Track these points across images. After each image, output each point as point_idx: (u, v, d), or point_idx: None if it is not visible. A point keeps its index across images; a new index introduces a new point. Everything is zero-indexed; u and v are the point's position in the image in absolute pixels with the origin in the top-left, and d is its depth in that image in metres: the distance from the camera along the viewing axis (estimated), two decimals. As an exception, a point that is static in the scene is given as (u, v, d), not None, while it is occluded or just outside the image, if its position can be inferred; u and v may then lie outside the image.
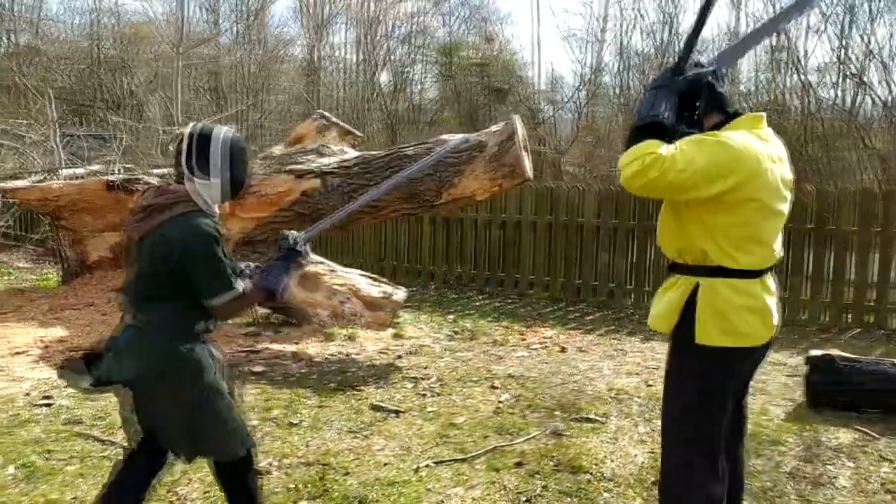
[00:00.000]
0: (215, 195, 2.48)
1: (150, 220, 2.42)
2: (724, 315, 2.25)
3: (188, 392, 2.43)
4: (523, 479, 3.49)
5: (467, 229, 8.40)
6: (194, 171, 2.43)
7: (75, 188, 7.36)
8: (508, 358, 5.66)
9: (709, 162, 2.16)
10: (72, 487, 3.39)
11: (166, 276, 2.39)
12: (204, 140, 2.45)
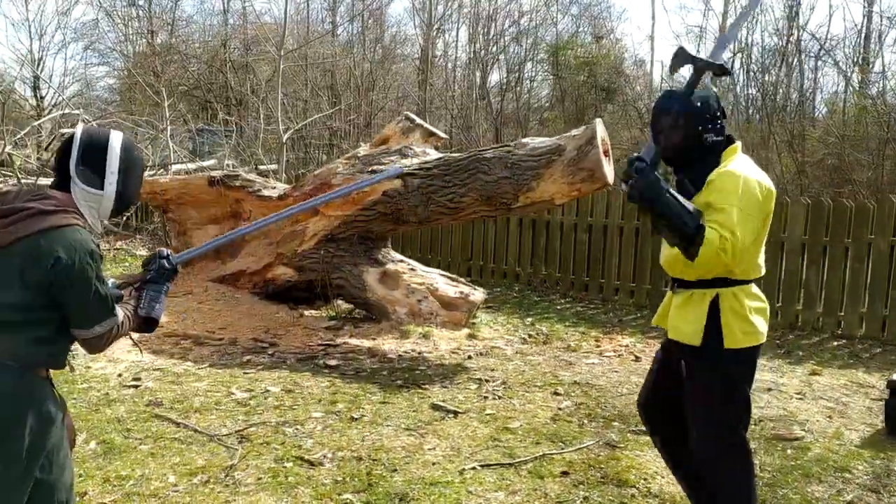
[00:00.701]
0: (104, 210, 2.18)
1: (21, 227, 2.00)
2: (745, 319, 2.50)
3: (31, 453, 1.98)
4: (566, 489, 3.48)
5: (553, 232, 8.35)
6: (83, 179, 2.11)
7: (180, 183, 7.85)
8: (578, 364, 5.61)
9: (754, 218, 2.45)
10: (142, 465, 3.67)
11: (34, 297, 2.00)
12: (99, 145, 2.15)
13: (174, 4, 24.26)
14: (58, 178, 2.15)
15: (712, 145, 2.56)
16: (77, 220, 2.07)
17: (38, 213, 2.02)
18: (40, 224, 2.00)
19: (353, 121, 18.83)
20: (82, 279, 2.03)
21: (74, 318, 2.06)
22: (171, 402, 4.58)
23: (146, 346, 5.76)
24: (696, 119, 2.54)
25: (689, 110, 2.54)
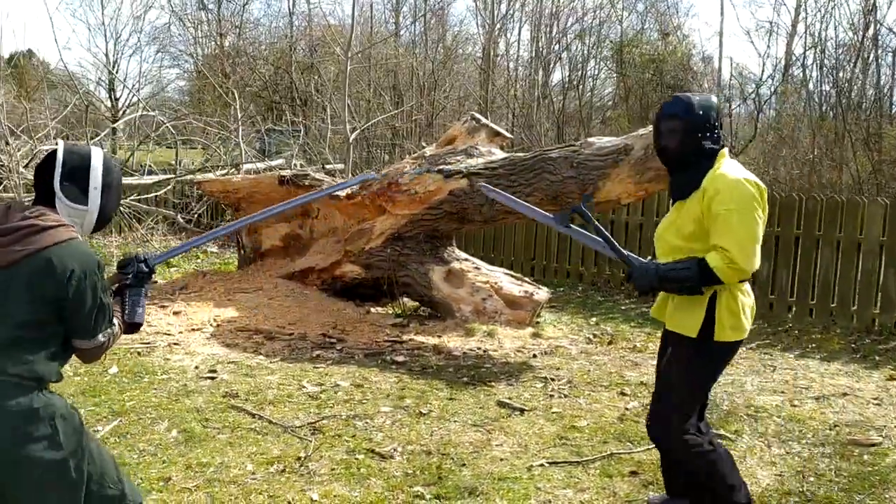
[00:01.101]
0: (88, 224, 2.20)
1: (26, 244, 2.02)
2: (736, 314, 2.71)
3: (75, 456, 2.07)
4: (635, 488, 3.49)
5: (619, 232, 8.29)
6: (68, 196, 2.14)
7: (251, 182, 8.08)
8: (644, 365, 5.57)
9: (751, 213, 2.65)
10: (220, 454, 3.82)
11: (46, 313, 2.04)
12: (83, 162, 2.17)
13: (242, 7, 24.91)
14: (38, 194, 2.17)
15: (709, 152, 2.72)
16: (77, 234, 2.12)
17: (41, 229, 2.04)
18: (45, 240, 2.03)
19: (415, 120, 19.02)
20: (93, 290, 2.08)
21: (80, 329, 2.10)
22: (245, 393, 4.74)
23: (220, 341, 5.98)
24: (697, 127, 2.70)
25: (692, 118, 2.70)
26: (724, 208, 2.60)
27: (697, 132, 2.69)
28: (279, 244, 8.03)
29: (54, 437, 2.00)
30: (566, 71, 23.19)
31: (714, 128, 2.71)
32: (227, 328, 6.28)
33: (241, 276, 7.93)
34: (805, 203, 7.28)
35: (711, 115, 2.71)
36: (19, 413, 1.96)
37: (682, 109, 2.71)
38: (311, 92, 19.75)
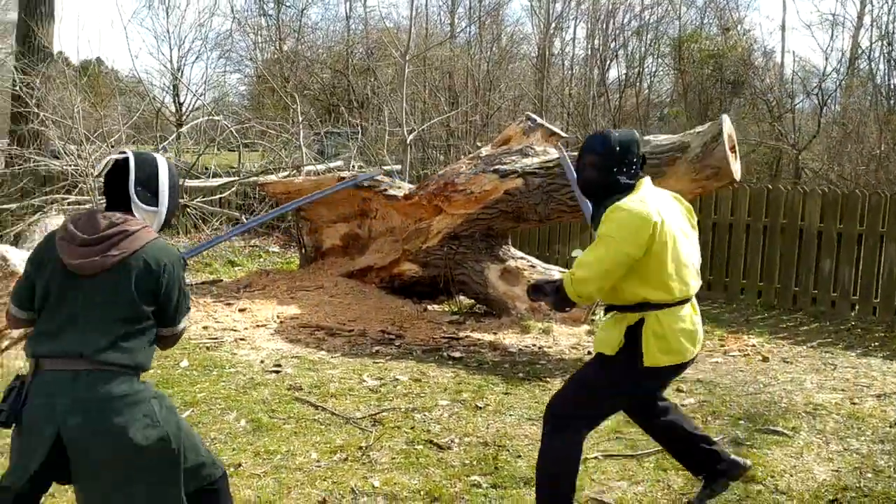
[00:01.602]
0: (158, 223, 2.40)
1: (118, 249, 2.21)
2: (665, 338, 2.73)
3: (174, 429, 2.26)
4: (690, 482, 3.52)
5: (676, 230, 8.24)
6: (141, 199, 2.34)
7: (312, 183, 8.31)
8: (702, 363, 5.56)
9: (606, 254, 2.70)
10: (286, 442, 4.00)
11: (147, 306, 2.24)
12: (152, 168, 2.38)
13: (301, 13, 25.41)
14: (112, 199, 2.35)
15: (623, 186, 2.79)
16: (156, 234, 2.32)
17: (131, 233, 2.23)
18: (137, 242, 2.22)
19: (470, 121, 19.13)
20: (179, 281, 2.30)
21: (168, 317, 2.31)
22: (309, 386, 4.93)
23: (284, 336, 6.20)
24: (613, 162, 2.78)
25: (608, 153, 2.79)
26: (601, 231, 2.72)
27: (613, 167, 2.77)
28: (339, 243, 8.24)
29: (154, 417, 2.19)
30: (623, 68, 22.98)
31: (632, 163, 2.79)
32: (290, 324, 6.51)
33: (303, 274, 8.18)
34: (869, 199, 7.13)
35: (631, 151, 2.79)
36: (124, 398, 2.16)
37: (599, 144, 2.81)
38: (368, 94, 20.06)
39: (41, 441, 2.12)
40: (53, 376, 2.15)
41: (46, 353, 2.18)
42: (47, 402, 2.13)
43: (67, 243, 2.22)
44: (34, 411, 2.14)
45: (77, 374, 2.14)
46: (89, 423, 2.11)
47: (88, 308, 2.19)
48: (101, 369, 2.15)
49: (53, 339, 2.19)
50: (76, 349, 2.15)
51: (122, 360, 2.17)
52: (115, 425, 2.13)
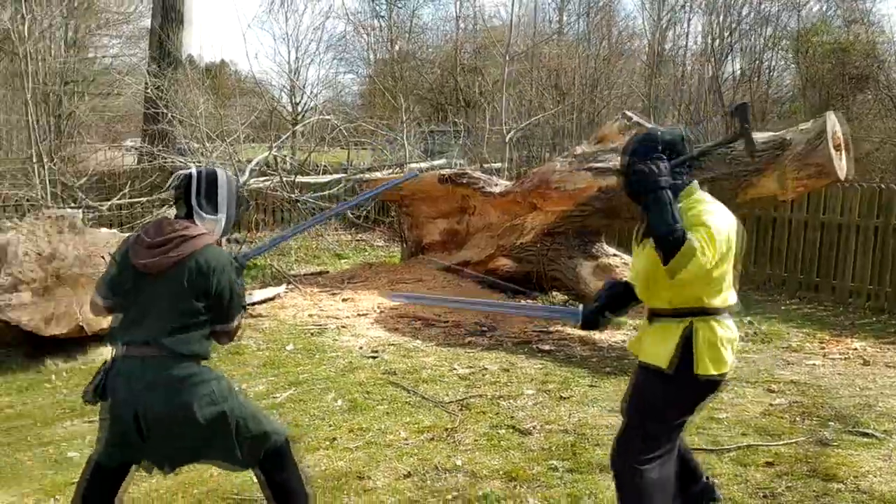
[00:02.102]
0: (219, 230, 2.70)
1: (176, 251, 2.52)
2: (716, 348, 2.59)
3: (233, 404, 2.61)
4: (769, 478, 3.54)
5: (781, 230, 8.02)
6: (203, 208, 2.64)
7: (415, 181, 8.62)
8: (798, 364, 5.46)
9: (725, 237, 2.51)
10: (379, 421, 4.28)
11: (200, 303, 2.54)
12: (211, 181, 2.67)
13: (412, 13, 26.01)
14: (179, 209, 2.68)
15: (674, 189, 2.52)
16: (212, 240, 2.63)
17: (189, 238, 2.55)
18: (193, 246, 2.53)
19: (577, 119, 19.05)
20: (230, 282, 2.60)
21: (222, 314, 2.61)
22: (403, 372, 5.20)
23: (383, 325, 6.51)
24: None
25: (649, 157, 2.54)
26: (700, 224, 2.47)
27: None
28: (439, 239, 8.52)
29: (213, 396, 2.55)
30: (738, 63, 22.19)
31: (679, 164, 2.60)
32: (389, 314, 6.83)
33: (404, 267, 8.51)
34: None
35: (677, 151, 2.62)
36: (187, 379, 2.51)
37: (643, 145, 2.65)
38: (475, 93, 20.32)
39: (121, 419, 2.51)
40: (129, 362, 2.52)
41: (123, 342, 2.56)
42: (125, 385, 2.50)
43: (138, 246, 2.57)
44: (115, 392, 2.52)
45: (145, 359, 2.50)
46: (160, 402, 2.48)
47: (153, 302, 2.52)
48: (165, 356, 2.50)
49: (128, 330, 2.55)
50: (144, 338, 2.51)
51: (180, 347, 2.51)
52: (180, 404, 2.49)
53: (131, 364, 2.51)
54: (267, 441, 2.69)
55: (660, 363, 2.62)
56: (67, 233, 5.36)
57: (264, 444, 2.69)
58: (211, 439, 2.58)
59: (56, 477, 3.59)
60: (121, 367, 2.53)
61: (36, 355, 5.28)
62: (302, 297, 7.49)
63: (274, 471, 2.73)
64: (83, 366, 5.25)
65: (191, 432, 2.53)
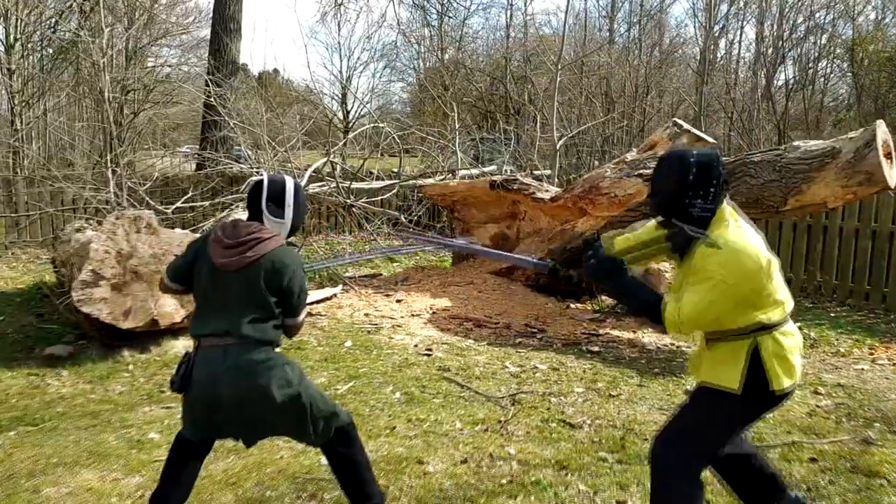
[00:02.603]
0: (285, 232, 2.91)
1: (252, 252, 2.77)
2: (786, 359, 2.53)
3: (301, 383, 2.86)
4: (811, 472, 3.67)
5: (832, 237, 8.03)
6: (271, 213, 2.87)
7: (466, 186, 8.86)
8: (846, 369, 5.53)
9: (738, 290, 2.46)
10: (434, 412, 4.51)
11: (273, 298, 2.80)
12: (280, 188, 2.89)
13: (462, 22, 26.37)
14: (252, 211, 2.91)
15: (698, 217, 2.52)
16: (283, 241, 2.87)
17: (263, 239, 2.80)
18: (268, 247, 2.79)
19: (625, 127, 19.10)
20: (300, 281, 2.85)
21: (290, 309, 2.86)
22: (456, 368, 5.43)
23: (435, 325, 6.75)
24: (687, 186, 2.50)
25: (682, 177, 2.51)
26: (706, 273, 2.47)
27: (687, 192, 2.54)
28: (489, 243, 8.73)
29: (286, 377, 2.80)
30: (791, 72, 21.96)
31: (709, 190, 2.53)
32: (441, 315, 7.06)
33: (455, 271, 8.75)
34: None
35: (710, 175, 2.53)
36: (263, 363, 2.77)
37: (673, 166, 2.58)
38: (524, 101, 20.51)
39: (205, 401, 2.78)
40: (210, 351, 2.78)
41: (204, 334, 2.81)
42: (208, 371, 2.76)
43: (216, 245, 2.82)
44: (198, 379, 2.78)
45: (227, 347, 2.76)
46: (240, 384, 2.74)
47: (232, 297, 2.78)
48: (243, 343, 2.76)
49: (208, 323, 2.81)
50: (224, 328, 2.76)
51: (256, 335, 2.77)
52: (258, 385, 2.75)
53: (213, 352, 2.78)
54: (336, 419, 2.95)
55: (729, 384, 2.55)
56: (144, 232, 5.73)
57: (334, 423, 2.94)
58: (287, 418, 2.84)
59: (140, 455, 3.90)
60: (203, 356, 2.80)
61: (113, 347, 5.65)
62: (357, 298, 7.77)
63: (341, 446, 2.99)
64: (157, 357, 5.60)
65: (268, 411, 2.80)
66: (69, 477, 3.62)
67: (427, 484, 3.57)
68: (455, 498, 3.44)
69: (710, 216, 2.53)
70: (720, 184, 2.52)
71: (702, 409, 2.67)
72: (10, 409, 4.57)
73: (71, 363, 5.43)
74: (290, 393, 2.81)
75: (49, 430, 4.24)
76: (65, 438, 4.11)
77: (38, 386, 5.01)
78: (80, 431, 4.21)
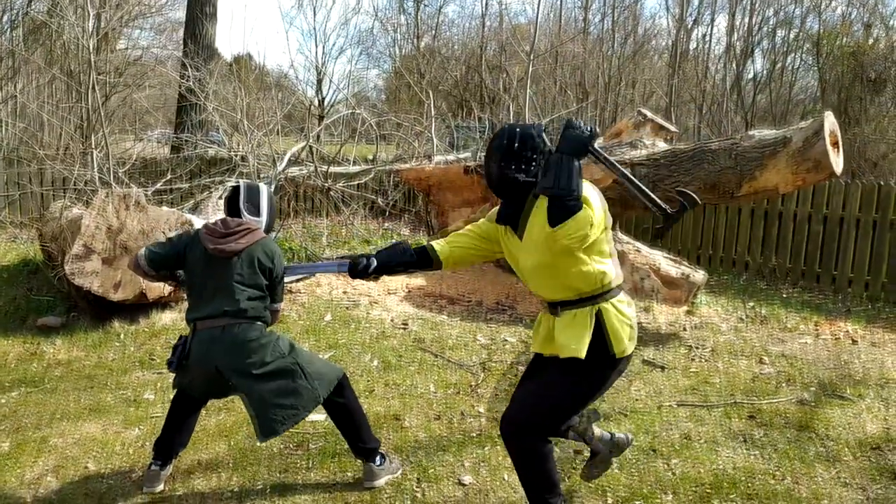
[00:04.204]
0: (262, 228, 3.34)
1: (243, 239, 3.17)
2: (629, 325, 2.67)
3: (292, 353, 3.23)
4: (749, 426, 4.09)
5: (786, 223, 8.49)
6: (248, 212, 3.29)
7: (441, 171, 9.19)
8: (791, 342, 5.97)
9: (601, 210, 2.60)
10: (410, 378, 4.87)
11: (264, 280, 3.20)
12: (255, 193, 3.34)
13: (438, 10, 26.60)
14: (230, 212, 3.31)
15: (525, 185, 2.62)
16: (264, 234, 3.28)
17: (252, 230, 3.21)
18: (256, 237, 3.20)
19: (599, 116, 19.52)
20: (280, 268, 3.26)
21: (276, 294, 3.27)
22: (430, 340, 5.78)
23: (411, 302, 7.09)
24: (511, 158, 2.62)
25: (505, 149, 2.63)
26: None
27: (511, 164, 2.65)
28: (463, 226, 9.07)
29: (279, 350, 3.18)
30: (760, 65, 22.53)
31: (531, 160, 2.65)
32: (416, 293, 7.41)
33: (429, 252, 9.08)
34: None
35: (528, 146, 2.65)
36: (257, 339, 3.14)
37: (496, 140, 2.70)
38: (499, 90, 20.84)
39: (204, 374, 3.15)
40: (208, 332, 3.11)
41: (200, 317, 3.14)
42: (206, 349, 3.10)
43: (209, 236, 3.19)
44: (197, 356, 3.12)
45: (224, 327, 3.10)
46: (238, 357, 3.09)
47: (225, 281, 3.13)
48: (239, 322, 3.11)
49: (205, 306, 3.14)
50: (221, 309, 3.11)
51: (251, 313, 3.15)
52: (256, 358, 3.10)
53: (211, 332, 3.11)
54: (332, 374, 3.29)
55: (577, 353, 2.59)
56: (133, 209, 5.99)
57: (330, 378, 3.27)
58: (287, 382, 3.17)
59: (138, 412, 4.21)
60: (200, 336, 3.12)
61: (103, 317, 5.92)
62: (335, 277, 8.07)
63: (338, 396, 3.33)
64: (146, 328, 5.88)
65: (268, 379, 3.14)
66: (73, 429, 3.93)
67: (404, 437, 3.93)
68: (430, 448, 3.80)
69: (532, 184, 2.62)
70: (543, 154, 2.63)
71: (554, 381, 2.71)
72: (11, 373, 4.85)
73: (64, 333, 5.70)
74: (283, 363, 3.15)
75: (50, 391, 4.53)
76: (65, 397, 4.40)
77: (34, 353, 5.28)
78: (79, 392, 4.51)
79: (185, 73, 12.41)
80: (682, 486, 3.39)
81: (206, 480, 3.41)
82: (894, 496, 3.33)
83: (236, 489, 3.33)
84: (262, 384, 3.12)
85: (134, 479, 3.40)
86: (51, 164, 9.70)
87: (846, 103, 19.37)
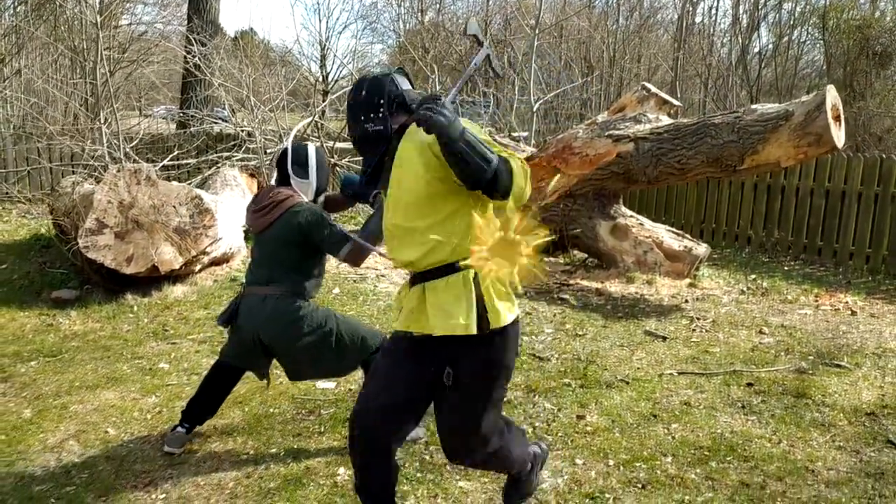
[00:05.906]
0: (310, 193, 3.39)
1: (270, 214, 3.25)
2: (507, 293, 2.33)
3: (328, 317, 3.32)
4: (747, 394, 4.20)
5: (789, 197, 8.56)
6: (297, 174, 3.33)
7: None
8: (791, 313, 6.07)
9: None
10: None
11: (295, 250, 3.23)
12: (303, 153, 3.36)
13: (443, -18, 26.40)
14: (279, 177, 3.38)
15: (375, 135, 2.41)
16: (299, 200, 3.29)
17: (277, 202, 3.26)
18: (281, 209, 3.24)
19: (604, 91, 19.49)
20: (318, 227, 3.18)
21: (328, 248, 3.23)
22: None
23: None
24: (359, 109, 2.44)
25: (354, 102, 2.46)
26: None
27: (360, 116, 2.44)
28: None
29: (317, 320, 3.29)
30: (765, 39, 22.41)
31: (378, 110, 2.44)
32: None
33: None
34: None
35: (375, 97, 2.44)
36: (297, 310, 3.26)
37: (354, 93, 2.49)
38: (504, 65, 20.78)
39: (246, 341, 3.29)
40: (252, 299, 3.27)
41: (249, 282, 3.33)
42: (249, 315, 3.26)
43: (248, 212, 3.39)
44: (242, 321, 3.28)
45: (264, 297, 3.24)
46: (276, 328, 3.23)
47: (265, 253, 3.27)
48: (277, 293, 3.23)
49: (251, 274, 3.33)
50: (262, 278, 3.27)
51: (287, 285, 3.25)
52: (293, 328, 3.24)
53: (253, 299, 3.26)
54: (367, 344, 3.40)
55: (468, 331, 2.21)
56: (144, 185, 6.09)
57: (368, 347, 3.39)
58: (319, 355, 3.31)
59: (154, 381, 4.34)
60: (246, 302, 3.28)
61: (115, 291, 6.05)
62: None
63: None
64: (158, 301, 6.01)
65: (302, 350, 3.28)
66: (92, 397, 4.07)
67: (412, 403, 4.05)
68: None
69: (383, 133, 2.41)
70: (390, 104, 2.41)
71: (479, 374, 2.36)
72: (29, 343, 4.98)
73: (78, 305, 5.83)
74: (321, 333, 3.27)
75: (68, 361, 4.66)
76: (83, 367, 4.54)
77: (50, 324, 5.42)
78: (96, 361, 4.65)
79: (191, 48, 12.43)
80: (681, 450, 3.51)
81: (222, 444, 3.54)
82: (887, 459, 3.45)
83: (251, 452, 3.47)
84: (297, 355, 3.29)
85: (153, 444, 3.54)
86: (59, 140, 9.78)
87: (852, 77, 19.28)
